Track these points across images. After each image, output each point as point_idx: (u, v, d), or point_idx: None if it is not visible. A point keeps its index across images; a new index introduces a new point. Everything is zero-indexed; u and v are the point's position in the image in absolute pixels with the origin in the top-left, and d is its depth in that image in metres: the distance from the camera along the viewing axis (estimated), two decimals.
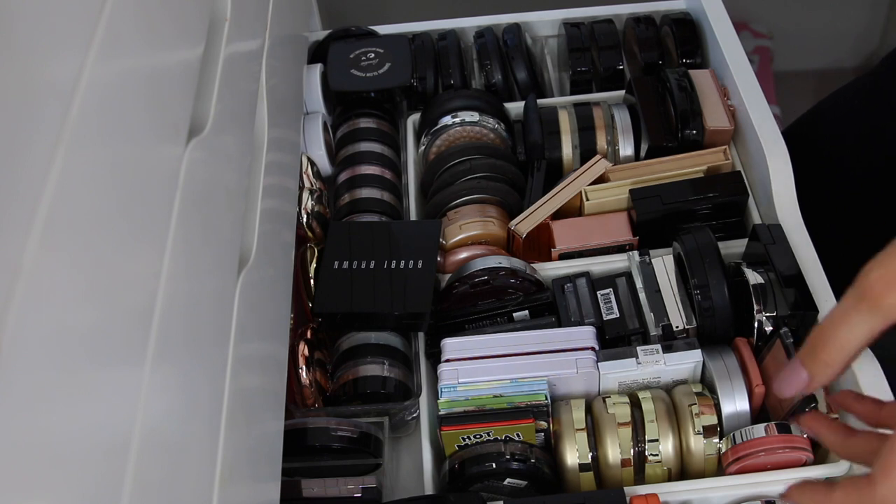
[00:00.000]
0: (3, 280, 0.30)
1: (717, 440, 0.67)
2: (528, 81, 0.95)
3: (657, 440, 0.67)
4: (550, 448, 0.69)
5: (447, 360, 0.71)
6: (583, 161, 0.87)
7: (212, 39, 0.57)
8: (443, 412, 0.68)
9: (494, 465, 0.67)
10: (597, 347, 0.71)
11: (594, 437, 0.68)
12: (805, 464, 0.66)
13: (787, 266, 0.71)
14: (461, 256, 0.80)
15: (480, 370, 0.70)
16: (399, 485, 0.75)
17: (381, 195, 0.87)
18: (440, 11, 1.06)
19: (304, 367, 0.75)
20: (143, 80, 0.44)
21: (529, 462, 0.67)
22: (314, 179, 0.84)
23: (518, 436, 0.68)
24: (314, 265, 0.80)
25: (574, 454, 0.67)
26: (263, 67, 0.69)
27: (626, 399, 0.69)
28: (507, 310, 0.75)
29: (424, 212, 0.87)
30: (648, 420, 0.67)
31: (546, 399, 0.68)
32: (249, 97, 0.65)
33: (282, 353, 0.67)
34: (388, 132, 0.93)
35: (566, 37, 0.97)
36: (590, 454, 0.67)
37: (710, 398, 0.68)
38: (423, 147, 0.90)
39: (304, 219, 0.81)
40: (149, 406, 0.39)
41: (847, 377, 0.66)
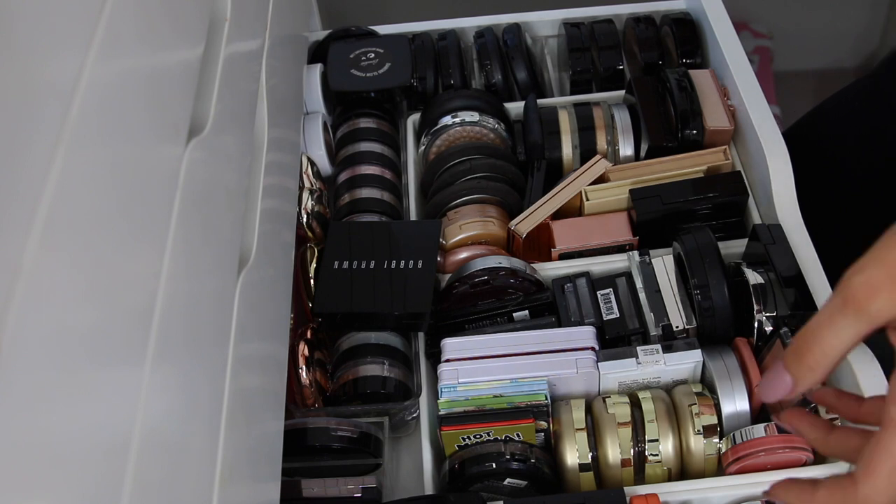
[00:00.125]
0: (3, 280, 0.30)
1: (717, 440, 0.67)
2: (528, 81, 0.95)
3: (657, 440, 0.67)
4: (550, 448, 0.69)
5: (447, 360, 0.71)
6: (583, 161, 0.87)
7: (212, 39, 0.57)
8: (443, 412, 0.68)
9: (494, 465, 0.67)
10: (597, 347, 0.71)
11: (594, 437, 0.68)
12: (805, 464, 0.66)
13: (787, 266, 0.71)
14: (461, 256, 0.80)
15: (480, 370, 0.70)
16: (399, 485, 0.74)
17: (381, 195, 0.87)
18: (440, 11, 1.06)
19: (304, 367, 0.75)
20: (143, 80, 0.44)
21: (529, 462, 0.67)
22: (314, 179, 0.84)
23: (518, 436, 0.68)
24: (314, 265, 0.80)
25: (574, 454, 0.67)
26: (263, 67, 0.69)
27: (626, 399, 0.69)
28: (507, 310, 0.75)
29: (424, 212, 0.87)
30: (648, 420, 0.67)
31: (546, 399, 0.68)
32: (249, 97, 0.65)
33: (282, 353, 0.67)
34: (388, 132, 0.93)
35: (566, 37, 0.97)
36: (590, 454, 0.67)
37: (710, 398, 0.68)
38: (423, 147, 0.90)
39: (304, 219, 0.81)
40: (149, 406, 0.39)
41: (847, 378, 0.66)
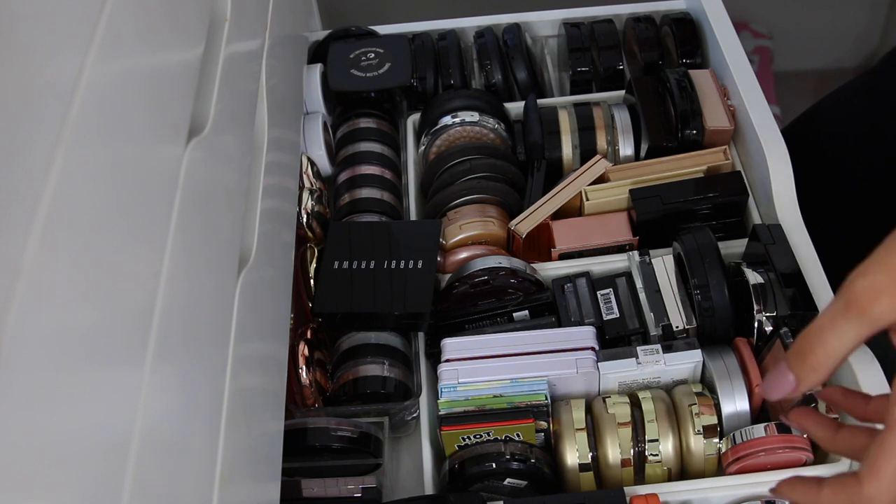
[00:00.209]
0: (3, 280, 0.30)
1: (717, 440, 0.67)
2: (528, 81, 0.95)
3: (657, 440, 0.67)
4: (550, 448, 0.69)
5: (447, 360, 0.71)
6: (583, 161, 0.87)
7: (212, 39, 0.57)
8: (443, 412, 0.68)
9: (494, 465, 0.67)
10: (597, 347, 0.71)
11: (594, 437, 0.68)
12: (805, 464, 0.66)
13: (787, 266, 0.71)
14: (461, 256, 0.80)
15: (480, 370, 0.70)
16: (399, 485, 0.74)
17: (381, 195, 0.87)
18: (440, 11, 1.06)
19: (304, 367, 0.75)
20: (143, 80, 0.44)
21: (529, 462, 0.67)
22: (314, 179, 0.84)
23: (518, 436, 0.68)
24: (314, 265, 0.80)
25: (574, 454, 0.67)
26: (263, 67, 0.69)
27: (626, 399, 0.69)
28: (507, 310, 0.75)
29: (424, 212, 0.87)
30: (648, 420, 0.67)
31: (546, 399, 0.68)
32: (249, 97, 0.65)
33: (282, 353, 0.67)
34: (388, 132, 0.93)
35: (566, 37, 0.97)
36: (590, 454, 0.67)
37: (710, 398, 0.68)
38: (423, 147, 0.90)
39: (304, 219, 0.81)
40: (149, 406, 0.39)
41: (848, 378, 0.66)
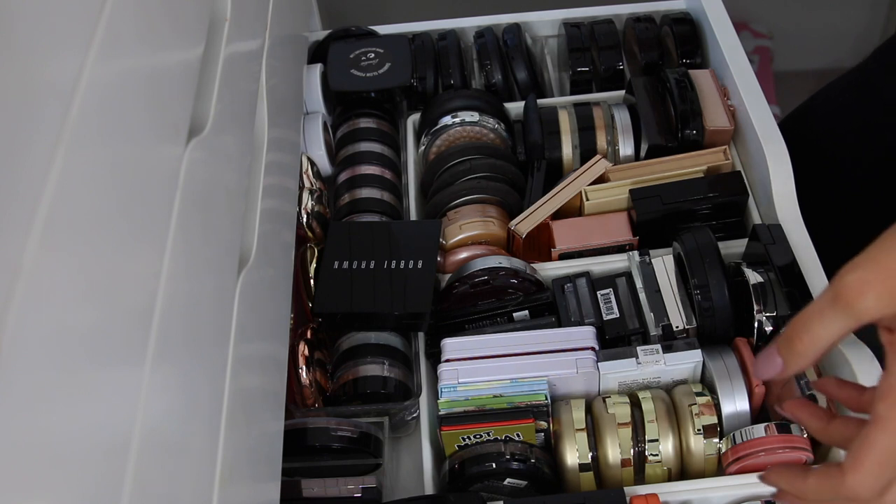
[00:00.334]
0: (3, 280, 0.30)
1: (717, 440, 0.67)
2: (528, 81, 0.95)
3: (657, 440, 0.67)
4: (550, 448, 0.69)
5: (447, 360, 0.71)
6: (583, 161, 0.87)
7: (212, 39, 0.57)
8: (443, 412, 0.68)
9: (494, 465, 0.67)
10: (597, 347, 0.71)
11: (594, 437, 0.68)
12: (805, 464, 0.66)
13: (787, 266, 0.71)
14: (461, 256, 0.80)
15: (480, 370, 0.70)
16: (399, 485, 0.74)
17: (381, 195, 0.87)
18: (440, 11, 1.06)
19: (304, 367, 0.75)
20: (143, 80, 0.44)
21: (529, 462, 0.67)
22: (314, 179, 0.84)
23: (518, 436, 0.68)
24: (314, 265, 0.80)
25: (574, 454, 0.67)
26: (263, 67, 0.69)
27: (626, 399, 0.69)
28: (507, 310, 0.75)
29: (424, 212, 0.87)
30: (648, 420, 0.67)
31: (546, 399, 0.68)
32: (249, 97, 0.65)
33: (282, 353, 0.67)
34: (388, 132, 0.93)
35: (566, 37, 0.97)
36: (590, 454, 0.67)
37: (710, 398, 0.68)
38: (423, 147, 0.90)
39: (304, 219, 0.81)
40: (149, 406, 0.39)
41: (845, 373, 0.66)
